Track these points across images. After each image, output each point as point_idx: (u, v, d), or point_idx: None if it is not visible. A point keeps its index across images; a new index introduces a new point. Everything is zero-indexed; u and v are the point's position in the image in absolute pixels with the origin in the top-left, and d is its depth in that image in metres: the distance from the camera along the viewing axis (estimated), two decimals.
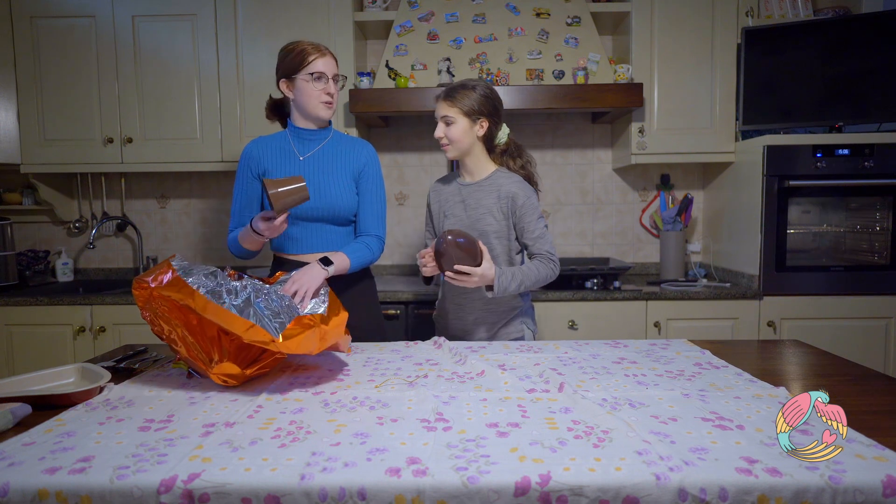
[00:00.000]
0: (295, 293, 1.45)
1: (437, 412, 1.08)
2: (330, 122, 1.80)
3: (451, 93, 1.71)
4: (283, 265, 1.76)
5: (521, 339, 1.81)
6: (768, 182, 2.39)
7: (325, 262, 1.59)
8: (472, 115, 1.71)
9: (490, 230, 1.74)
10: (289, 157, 1.75)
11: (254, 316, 1.18)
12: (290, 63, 1.67)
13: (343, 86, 1.75)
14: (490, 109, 1.73)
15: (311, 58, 1.66)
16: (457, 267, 1.55)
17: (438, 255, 1.56)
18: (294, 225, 1.73)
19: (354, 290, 1.79)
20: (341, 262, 1.64)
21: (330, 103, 1.71)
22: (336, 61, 1.72)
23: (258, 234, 1.58)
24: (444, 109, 1.71)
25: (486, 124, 1.73)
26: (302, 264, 1.63)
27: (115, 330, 2.50)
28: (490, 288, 1.62)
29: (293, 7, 2.62)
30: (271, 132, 1.82)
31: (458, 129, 1.71)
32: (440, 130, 1.73)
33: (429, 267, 1.64)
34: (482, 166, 1.79)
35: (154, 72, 2.67)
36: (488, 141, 1.77)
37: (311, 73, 1.66)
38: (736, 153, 2.63)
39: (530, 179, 1.82)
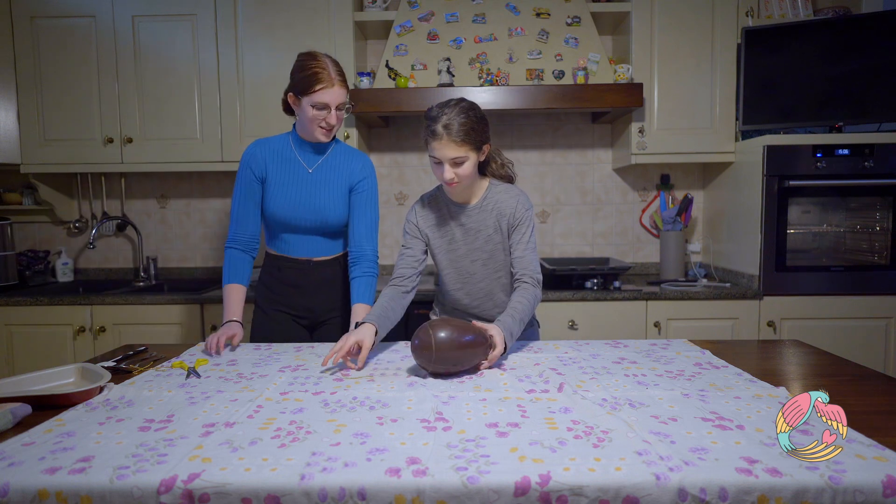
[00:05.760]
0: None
1: (436, 412, 1.08)
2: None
3: (457, 132, 1.46)
4: (277, 261, 1.83)
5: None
6: (768, 182, 2.39)
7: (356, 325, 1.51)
8: (479, 145, 1.52)
9: (499, 248, 1.66)
10: (294, 168, 1.76)
11: None
12: (300, 82, 1.63)
13: (350, 111, 1.72)
14: (488, 131, 1.54)
15: (318, 87, 1.61)
16: (484, 363, 1.37)
17: (444, 362, 1.30)
18: (289, 232, 1.78)
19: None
20: (364, 312, 1.65)
21: (328, 130, 1.69)
22: (346, 87, 1.67)
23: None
24: (452, 151, 1.47)
25: (487, 148, 1.56)
26: (294, 262, 1.81)
27: (115, 330, 2.50)
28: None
29: (293, 7, 2.61)
30: (271, 131, 1.81)
31: (469, 166, 1.50)
32: (449, 173, 1.49)
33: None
34: (477, 185, 1.63)
35: (154, 72, 2.67)
36: (483, 161, 1.61)
37: (314, 104, 1.63)
38: (736, 153, 2.63)
39: (511, 180, 1.71)
